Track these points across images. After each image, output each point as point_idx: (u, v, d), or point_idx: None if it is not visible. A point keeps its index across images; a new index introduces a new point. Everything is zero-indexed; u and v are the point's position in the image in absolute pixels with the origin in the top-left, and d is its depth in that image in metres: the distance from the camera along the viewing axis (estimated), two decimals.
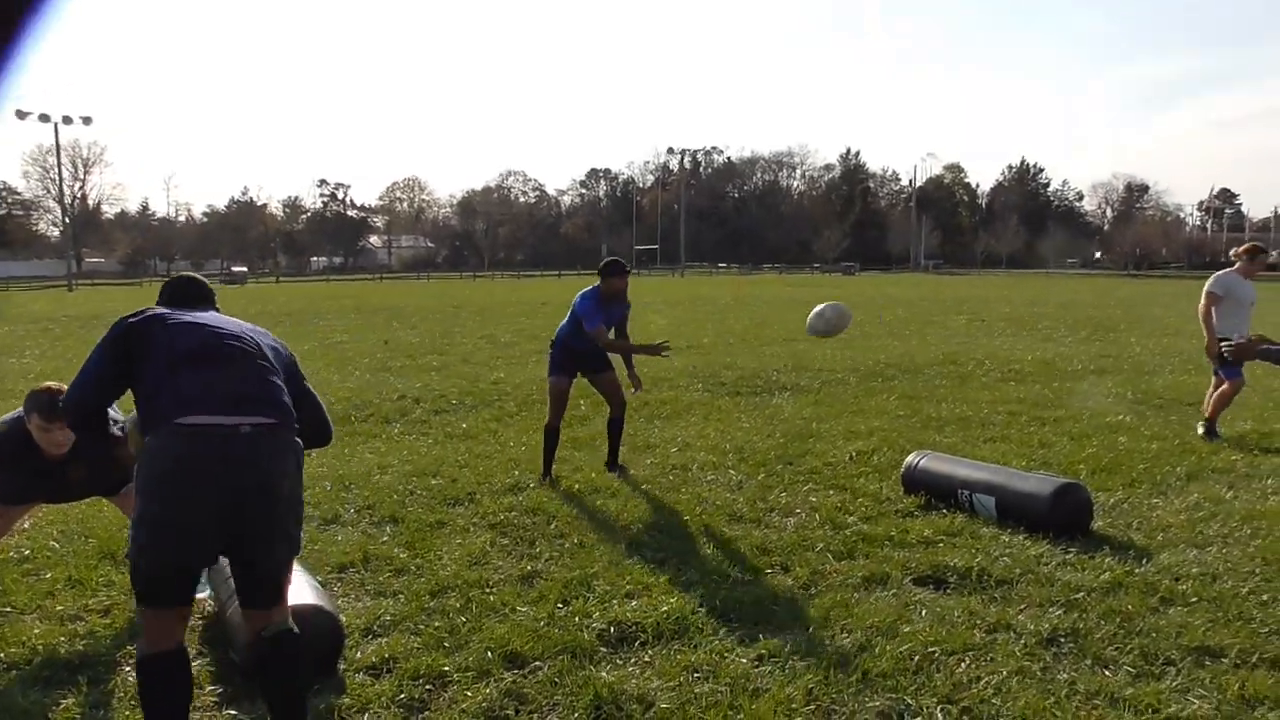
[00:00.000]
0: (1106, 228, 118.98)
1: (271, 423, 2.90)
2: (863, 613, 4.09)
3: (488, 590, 4.49)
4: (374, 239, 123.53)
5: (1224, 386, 8.09)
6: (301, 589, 3.85)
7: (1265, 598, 4.34)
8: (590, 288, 6.76)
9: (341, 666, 3.71)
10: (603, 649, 3.81)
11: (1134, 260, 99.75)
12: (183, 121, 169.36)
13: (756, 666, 3.62)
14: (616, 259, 6.85)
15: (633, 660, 3.72)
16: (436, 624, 4.09)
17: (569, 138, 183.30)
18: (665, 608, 4.15)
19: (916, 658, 3.64)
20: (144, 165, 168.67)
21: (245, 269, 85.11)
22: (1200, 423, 8.25)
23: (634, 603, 4.23)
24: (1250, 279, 8.25)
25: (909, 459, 6.24)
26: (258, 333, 3.19)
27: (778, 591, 4.39)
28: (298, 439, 3.01)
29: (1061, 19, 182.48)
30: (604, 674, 3.56)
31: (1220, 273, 8.40)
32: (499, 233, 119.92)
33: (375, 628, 4.10)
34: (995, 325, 22.15)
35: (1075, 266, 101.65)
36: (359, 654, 3.83)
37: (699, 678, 3.54)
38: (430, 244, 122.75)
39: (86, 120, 68.83)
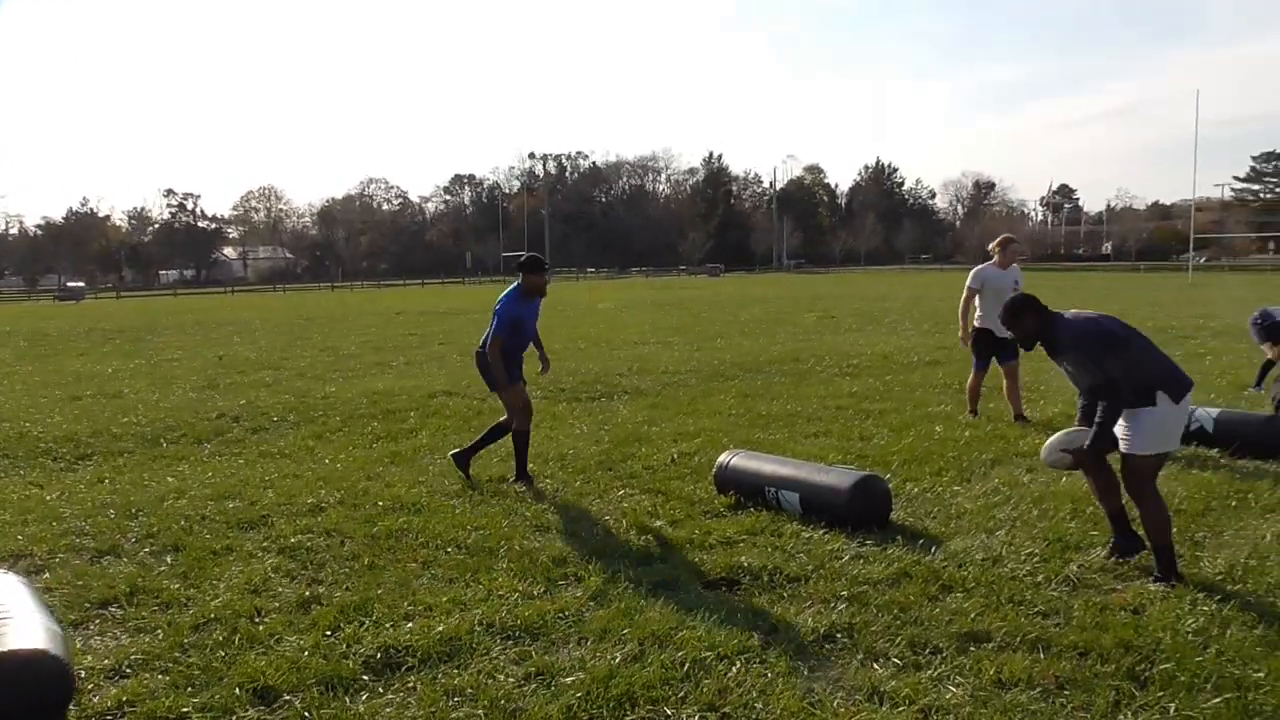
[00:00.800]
0: (958, 224, 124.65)
1: None
2: (644, 621, 3.99)
3: (258, 620, 4.21)
4: (228, 250, 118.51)
5: (972, 376, 8.82)
6: (27, 631, 3.50)
7: (1040, 579, 4.47)
8: (510, 288, 6.63)
9: (72, 713, 3.38)
10: (365, 677, 3.60)
11: (984, 254, 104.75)
12: (8, 126, 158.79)
13: (521, 686, 3.47)
14: (535, 255, 6.78)
15: (395, 687, 3.51)
16: (191, 660, 3.79)
17: (432, 143, 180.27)
18: (441, 628, 3.96)
19: (687, 665, 3.56)
20: None
21: (83, 284, 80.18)
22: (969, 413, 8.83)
23: (410, 625, 4.02)
24: (1008, 268, 8.73)
25: (720, 458, 6.22)
26: None
27: (564, 604, 4.25)
28: None
29: (909, 23, 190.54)
30: (359, 706, 3.35)
31: (978, 267, 8.95)
32: (361, 242, 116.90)
33: (124, 668, 3.78)
34: (844, 321, 22.78)
35: (928, 262, 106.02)
36: (96, 699, 3.51)
37: (459, 702, 3.37)
38: (289, 255, 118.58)
39: None
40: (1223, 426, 7.34)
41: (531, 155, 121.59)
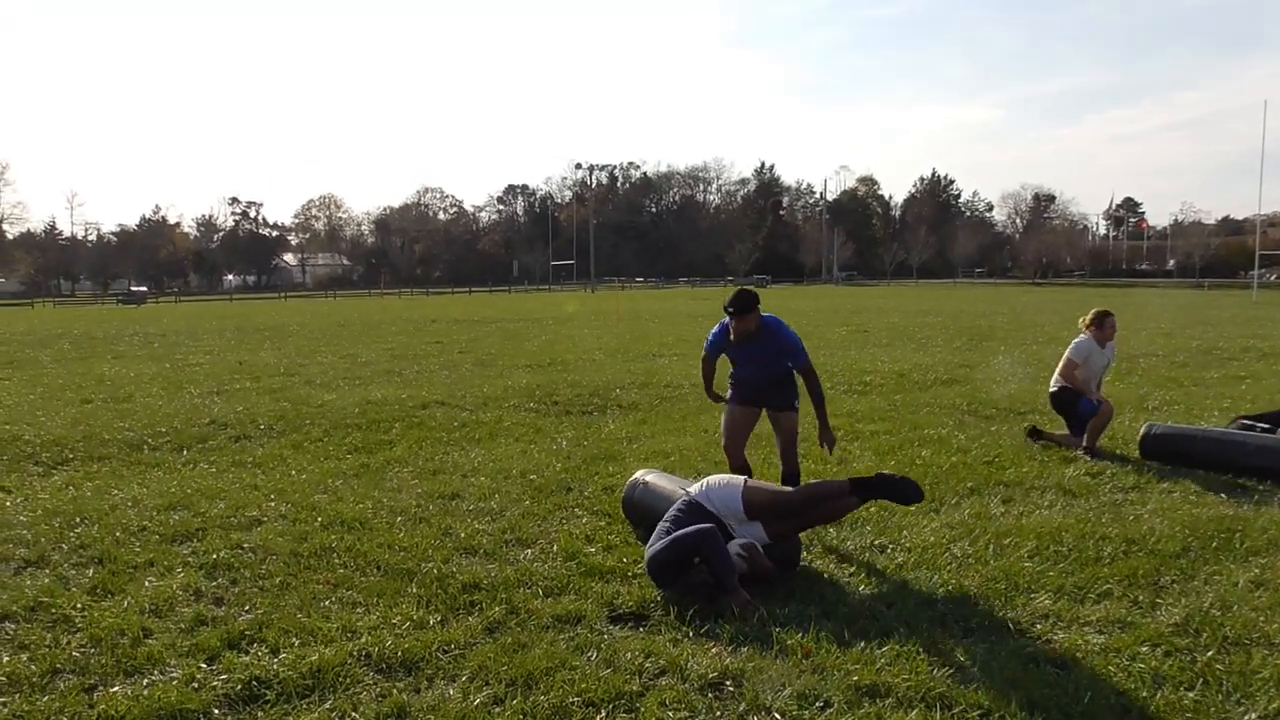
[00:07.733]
0: (1017, 237, 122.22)
1: None
2: (526, 659, 3.77)
3: (141, 644, 4.06)
4: (288, 257, 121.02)
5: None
6: None
7: (972, 624, 4.15)
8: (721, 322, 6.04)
9: None
10: (216, 711, 3.42)
11: (1040, 269, 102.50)
12: (90, 137, 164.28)
13: None
14: (742, 289, 5.90)
15: None
16: (46, 685, 3.65)
17: (487, 154, 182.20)
18: (316, 658, 3.78)
19: (548, 711, 3.33)
20: (48, 183, 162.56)
21: (145, 289, 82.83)
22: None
23: (283, 655, 3.84)
24: (1105, 346, 8.09)
25: (631, 479, 5.96)
26: None
27: (453, 636, 4.04)
28: None
29: (968, 34, 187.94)
30: None
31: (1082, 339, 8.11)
32: (415, 250, 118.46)
33: None
34: (875, 335, 22.28)
35: (983, 275, 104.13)
36: None
37: None
38: (347, 261, 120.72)
39: None
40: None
41: (579, 166, 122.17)
